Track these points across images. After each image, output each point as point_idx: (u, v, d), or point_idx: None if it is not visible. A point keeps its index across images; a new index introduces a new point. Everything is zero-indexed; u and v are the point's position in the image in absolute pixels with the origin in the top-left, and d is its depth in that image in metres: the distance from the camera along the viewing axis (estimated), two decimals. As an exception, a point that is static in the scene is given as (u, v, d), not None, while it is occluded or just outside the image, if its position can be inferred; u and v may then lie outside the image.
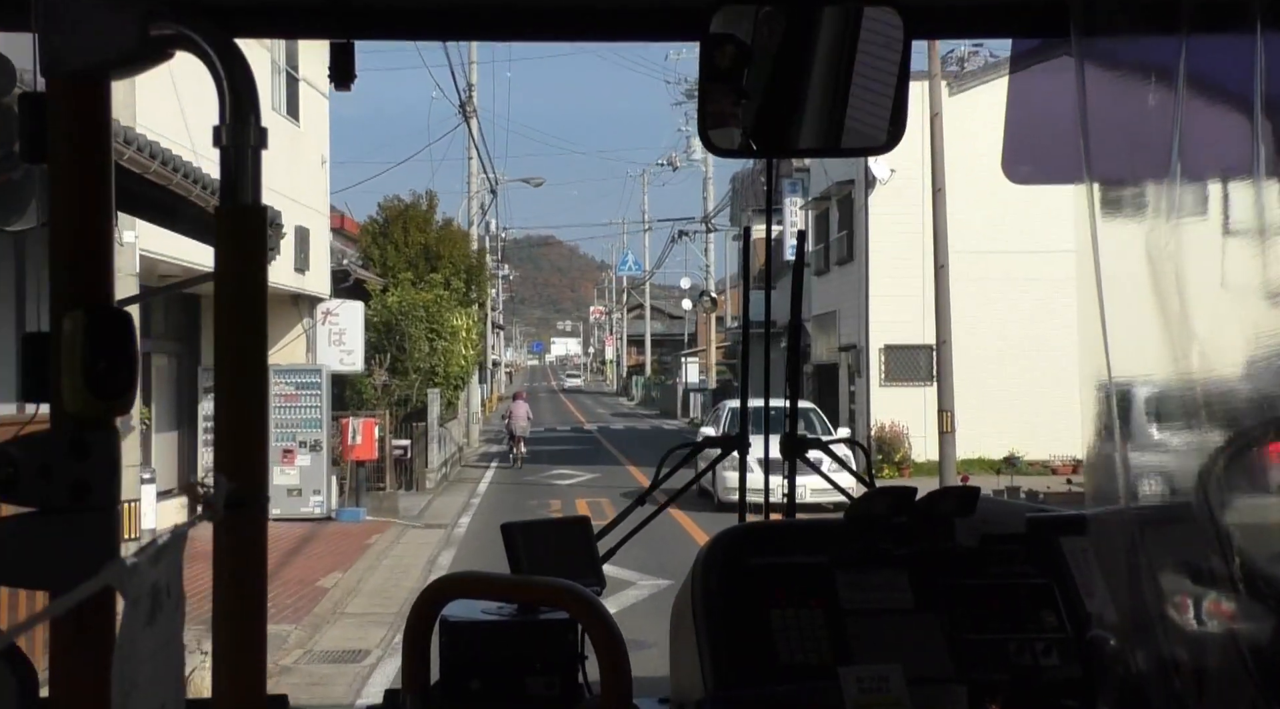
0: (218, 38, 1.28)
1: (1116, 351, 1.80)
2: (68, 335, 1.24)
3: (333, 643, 12.36)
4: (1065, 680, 2.46)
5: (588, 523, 2.72)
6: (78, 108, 1.30)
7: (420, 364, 28.86)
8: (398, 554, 17.85)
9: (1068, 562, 2.60)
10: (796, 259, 3.20)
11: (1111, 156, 1.84)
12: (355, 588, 15.05)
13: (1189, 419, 1.76)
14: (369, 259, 32.68)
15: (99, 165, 1.30)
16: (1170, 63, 1.77)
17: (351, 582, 15.34)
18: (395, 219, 33.69)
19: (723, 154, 2.36)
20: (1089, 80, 1.83)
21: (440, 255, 33.47)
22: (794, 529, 2.74)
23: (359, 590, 14.98)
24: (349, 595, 14.58)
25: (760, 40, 2.21)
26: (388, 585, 15.31)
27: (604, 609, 2.08)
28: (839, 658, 2.38)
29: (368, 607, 14.04)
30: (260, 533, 1.30)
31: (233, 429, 1.27)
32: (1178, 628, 1.79)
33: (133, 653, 1.09)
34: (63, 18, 1.28)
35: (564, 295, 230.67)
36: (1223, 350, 1.74)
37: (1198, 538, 1.78)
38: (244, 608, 1.28)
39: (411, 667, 2.24)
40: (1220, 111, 1.82)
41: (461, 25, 2.33)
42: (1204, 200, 1.82)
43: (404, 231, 33.42)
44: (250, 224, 1.29)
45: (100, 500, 1.27)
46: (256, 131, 1.28)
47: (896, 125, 2.26)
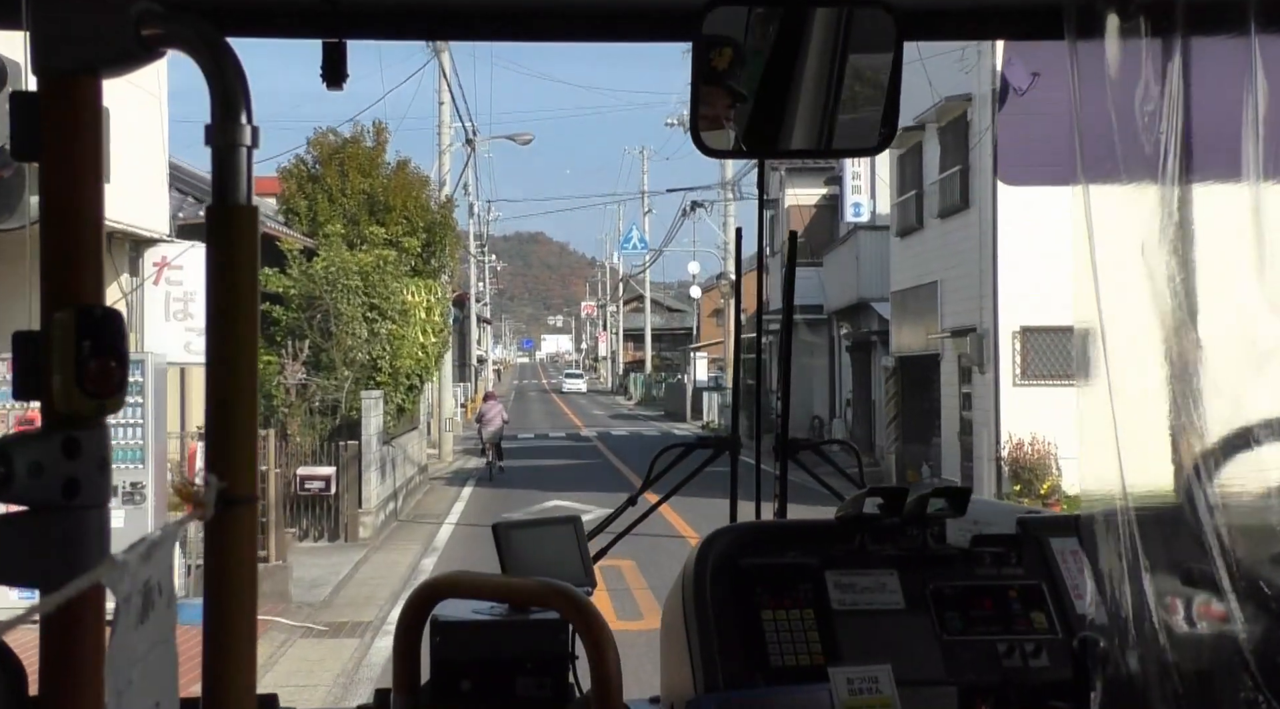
0: (210, 37, 1.28)
1: (1113, 346, 1.81)
2: (58, 334, 1.24)
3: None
4: (1055, 682, 2.47)
5: (579, 522, 2.72)
6: (69, 105, 1.30)
7: (354, 355, 21.13)
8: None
9: (1058, 563, 2.61)
10: (789, 261, 3.19)
11: (1105, 158, 1.84)
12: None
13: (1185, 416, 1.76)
14: (292, 213, 24.53)
15: (91, 163, 1.30)
16: (1164, 64, 1.77)
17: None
18: (329, 160, 25.00)
19: (715, 155, 2.37)
20: (1082, 82, 1.84)
21: (391, 207, 25.01)
22: (785, 530, 2.75)
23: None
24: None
25: (752, 42, 2.22)
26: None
27: (595, 609, 2.08)
28: (829, 659, 2.39)
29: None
30: (251, 532, 1.30)
31: (223, 428, 1.28)
32: (1168, 629, 1.80)
33: (125, 652, 1.09)
34: (54, 15, 1.28)
35: (554, 292, 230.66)
36: (1218, 349, 1.75)
37: (1188, 539, 1.78)
38: (235, 607, 1.28)
39: (402, 667, 2.24)
40: (1214, 113, 1.83)
41: (451, 25, 2.33)
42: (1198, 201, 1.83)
43: (341, 176, 24.77)
44: (241, 224, 1.29)
45: (91, 499, 1.27)
46: (249, 131, 1.28)
47: (889, 126, 2.27)
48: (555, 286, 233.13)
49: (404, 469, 24.58)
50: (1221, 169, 1.76)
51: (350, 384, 20.71)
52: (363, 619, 13.25)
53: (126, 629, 1.09)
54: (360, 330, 21.28)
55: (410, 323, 22.94)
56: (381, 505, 20.90)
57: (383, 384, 21.99)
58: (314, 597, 14.40)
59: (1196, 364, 1.74)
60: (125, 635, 1.09)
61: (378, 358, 21.85)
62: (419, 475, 27.35)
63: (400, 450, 23.92)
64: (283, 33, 2.31)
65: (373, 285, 21.68)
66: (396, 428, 23.50)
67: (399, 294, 22.48)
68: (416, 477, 26.87)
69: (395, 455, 22.99)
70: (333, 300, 20.95)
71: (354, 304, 21.22)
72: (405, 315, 22.65)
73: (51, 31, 1.29)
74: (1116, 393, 1.82)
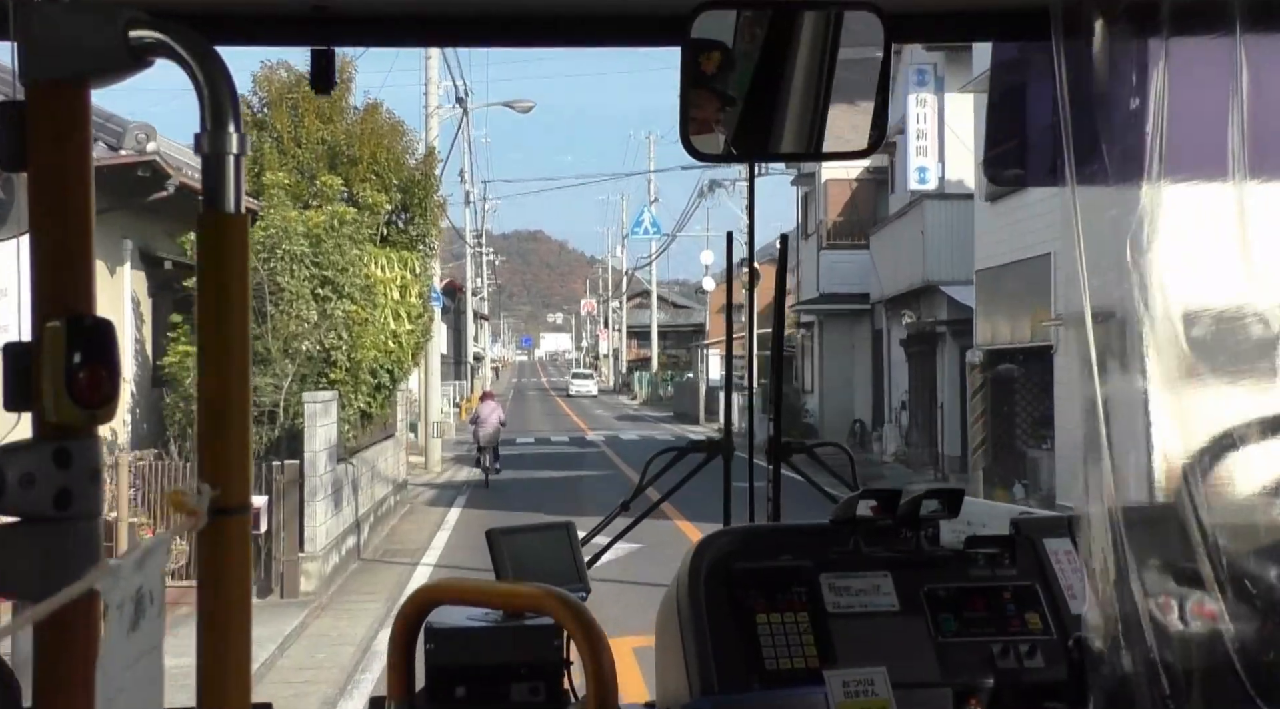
0: (198, 45, 1.29)
1: (1102, 345, 1.81)
2: (49, 344, 1.25)
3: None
4: (1050, 682, 2.47)
5: (572, 527, 2.72)
6: (58, 115, 1.30)
7: (298, 344, 15.96)
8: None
9: (1052, 564, 2.61)
10: (779, 263, 3.19)
11: (1092, 158, 1.85)
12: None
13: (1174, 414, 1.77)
14: None
15: (79, 173, 1.31)
16: (1151, 65, 1.78)
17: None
18: (279, 101, 20.20)
19: (705, 159, 2.37)
20: (1069, 83, 1.84)
21: (357, 160, 20.24)
22: (779, 533, 2.75)
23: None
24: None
25: (741, 45, 2.22)
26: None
27: (589, 614, 2.08)
28: (824, 661, 2.39)
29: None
30: (244, 540, 1.31)
31: (216, 436, 1.28)
32: (1162, 629, 1.80)
33: (116, 660, 1.09)
34: (42, 24, 1.29)
35: (553, 290, 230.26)
36: (1205, 348, 1.75)
37: (1182, 538, 1.79)
38: (228, 615, 1.29)
39: (396, 674, 2.24)
40: (1200, 113, 1.83)
41: (440, 31, 2.34)
42: (1183, 200, 1.83)
43: (295, 121, 19.98)
44: (232, 232, 1.29)
45: (83, 509, 1.27)
46: (238, 139, 1.29)
47: (878, 129, 2.28)
48: (554, 285, 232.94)
49: (372, 490, 19.02)
50: (1208, 168, 1.76)
51: (294, 383, 15.59)
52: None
53: (118, 637, 1.10)
54: (307, 311, 16.08)
55: (377, 304, 18.21)
56: (334, 544, 15.51)
57: (337, 383, 16.60)
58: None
59: (1184, 362, 1.75)
60: (116, 643, 1.10)
61: (331, 348, 16.42)
62: (395, 495, 21.84)
63: (367, 467, 18.55)
64: (271, 41, 2.32)
65: (325, 253, 16.35)
66: (361, 438, 18.24)
67: (361, 265, 17.44)
68: (391, 497, 21.29)
69: (358, 475, 17.60)
70: (269, 272, 15.61)
71: (299, 277, 16.10)
72: (370, 293, 17.72)
73: (39, 41, 1.29)
74: (1106, 391, 1.82)
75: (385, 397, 19.43)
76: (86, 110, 1.32)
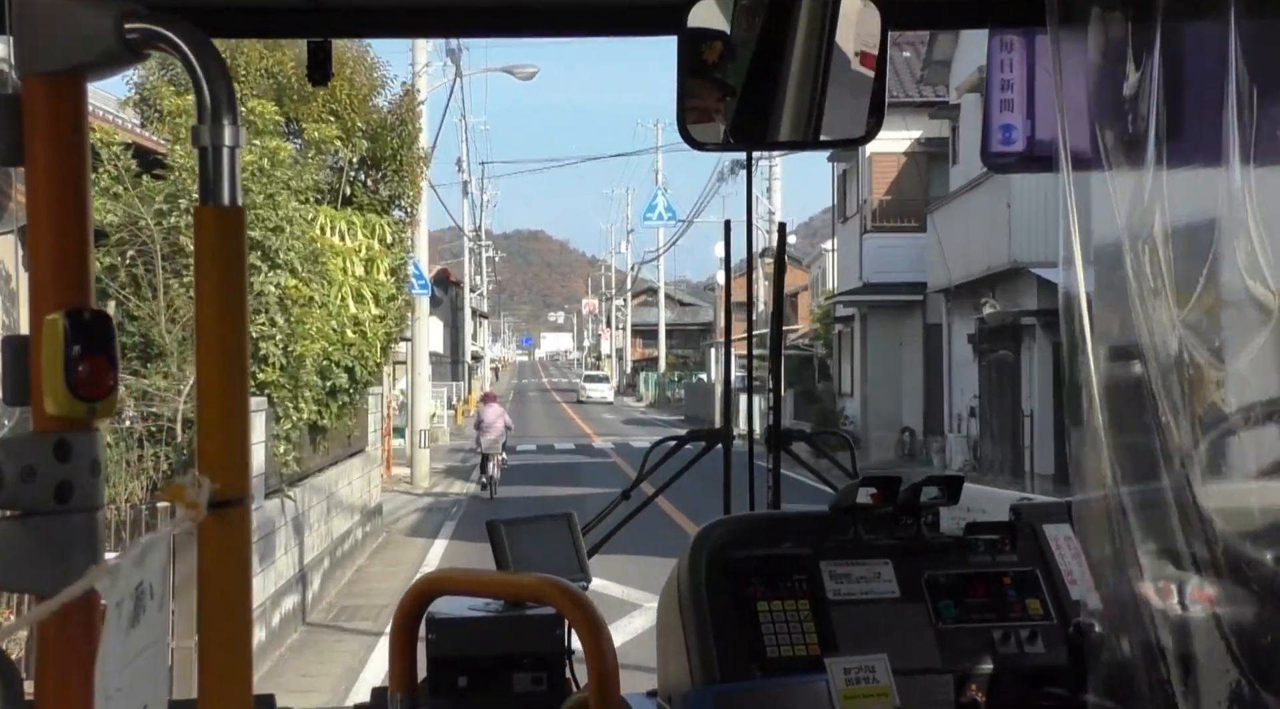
0: (195, 38, 1.29)
1: (1100, 331, 1.81)
2: (48, 337, 1.25)
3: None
4: (1051, 667, 2.48)
5: (573, 518, 2.72)
6: (54, 108, 1.30)
7: None
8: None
9: (1052, 549, 2.62)
10: (778, 253, 3.19)
11: (1089, 144, 1.85)
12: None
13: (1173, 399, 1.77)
14: (154, 111, 14.58)
15: (76, 166, 1.31)
16: (1146, 51, 1.78)
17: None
18: None
19: (703, 148, 2.38)
20: (1065, 69, 1.84)
21: (311, 98, 15.94)
22: (779, 521, 2.75)
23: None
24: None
25: (738, 34, 2.22)
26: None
27: (590, 603, 2.09)
28: (825, 649, 2.40)
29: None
30: (245, 533, 1.31)
31: (215, 428, 1.28)
32: (1162, 613, 1.81)
33: (116, 655, 1.10)
34: (38, 17, 1.29)
35: (554, 290, 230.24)
36: (1203, 333, 1.75)
37: (1181, 523, 1.79)
38: (229, 608, 1.29)
39: (399, 665, 2.24)
40: (1196, 98, 1.83)
41: (436, 23, 2.34)
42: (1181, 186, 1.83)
43: (233, 52, 14.73)
44: (229, 224, 1.30)
45: (83, 502, 1.27)
46: (234, 132, 1.29)
47: (876, 116, 2.28)
48: (555, 284, 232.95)
49: (327, 526, 14.77)
50: (1205, 154, 1.76)
51: (190, 391, 9.97)
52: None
53: (118, 632, 1.10)
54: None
55: (331, 279, 14.06)
56: (260, 615, 10.99)
57: (268, 385, 12.17)
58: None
59: (1182, 347, 1.75)
60: (117, 638, 1.10)
61: (260, 338, 11.89)
62: (364, 525, 17.60)
63: (320, 497, 14.45)
64: (267, 34, 2.33)
65: (251, 206, 11.45)
66: (311, 460, 14.24)
67: (306, 225, 13.07)
68: (359, 530, 17.07)
69: (303, 510, 13.40)
70: (165, 230, 11.19)
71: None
72: (318, 263, 13.30)
73: (35, 34, 1.29)
74: (1104, 378, 1.82)
75: (344, 403, 15.06)
76: (83, 103, 1.32)
